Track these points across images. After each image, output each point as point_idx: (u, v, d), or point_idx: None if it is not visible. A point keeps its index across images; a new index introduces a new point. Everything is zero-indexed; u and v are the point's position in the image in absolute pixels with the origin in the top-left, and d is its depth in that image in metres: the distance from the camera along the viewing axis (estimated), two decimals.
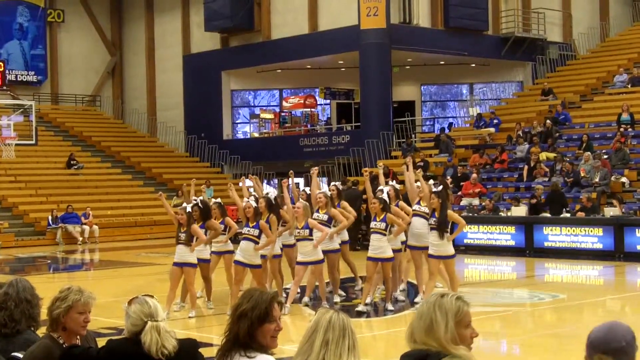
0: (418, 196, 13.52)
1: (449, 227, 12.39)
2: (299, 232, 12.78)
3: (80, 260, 25.65)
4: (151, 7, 40.06)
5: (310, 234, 12.69)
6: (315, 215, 13.22)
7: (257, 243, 12.45)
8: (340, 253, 13.85)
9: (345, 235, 14.37)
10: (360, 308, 12.69)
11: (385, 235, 12.50)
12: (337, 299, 13.65)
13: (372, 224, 12.63)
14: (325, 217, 13.25)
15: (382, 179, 15.11)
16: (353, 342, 3.49)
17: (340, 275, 14.24)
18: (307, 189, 14.98)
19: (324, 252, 12.98)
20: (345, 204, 14.26)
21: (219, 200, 14.08)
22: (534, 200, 22.34)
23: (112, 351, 4.42)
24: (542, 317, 13.00)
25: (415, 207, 13.45)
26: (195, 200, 13.40)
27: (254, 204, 12.72)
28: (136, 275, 19.81)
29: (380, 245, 12.50)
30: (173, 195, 29.51)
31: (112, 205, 31.64)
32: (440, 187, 12.73)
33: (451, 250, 12.48)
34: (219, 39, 36.94)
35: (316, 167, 14.78)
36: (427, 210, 12.92)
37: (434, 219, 12.38)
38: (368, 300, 13.06)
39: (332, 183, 14.59)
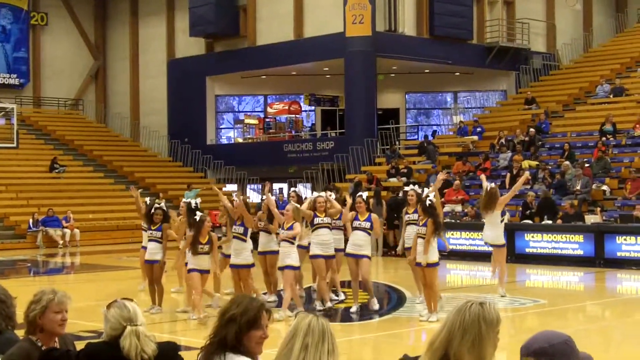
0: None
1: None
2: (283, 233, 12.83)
3: (61, 264, 25.53)
4: (136, 11, 39.97)
5: (293, 237, 12.72)
6: (280, 230, 13.10)
7: (244, 241, 12.97)
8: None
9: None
10: (354, 308, 13.21)
11: (370, 234, 13.14)
12: (319, 306, 13.56)
13: (356, 223, 13.11)
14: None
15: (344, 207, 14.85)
16: (332, 346, 3.49)
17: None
18: (297, 189, 15.17)
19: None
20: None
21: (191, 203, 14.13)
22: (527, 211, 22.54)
23: (91, 354, 4.40)
24: (523, 321, 13.08)
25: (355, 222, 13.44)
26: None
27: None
28: (117, 279, 19.74)
29: (360, 244, 13.06)
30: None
31: (94, 209, 31.51)
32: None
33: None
34: (204, 45, 36.89)
35: (268, 183, 14.54)
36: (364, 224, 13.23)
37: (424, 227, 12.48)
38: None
39: (292, 189, 14.46)
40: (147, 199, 15.04)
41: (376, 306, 13.41)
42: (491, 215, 14.85)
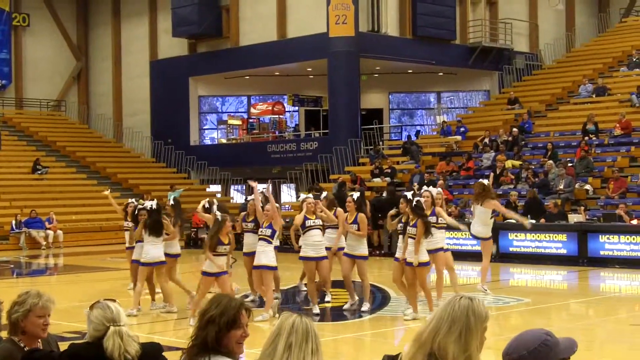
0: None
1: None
2: (261, 231, 12.83)
3: (44, 265, 25.42)
4: (118, 12, 39.83)
5: (272, 235, 12.69)
6: (261, 229, 13.09)
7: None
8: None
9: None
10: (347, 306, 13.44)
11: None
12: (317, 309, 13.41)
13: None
14: (269, 232, 12.94)
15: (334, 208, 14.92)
16: (316, 345, 3.48)
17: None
18: (263, 189, 15.07)
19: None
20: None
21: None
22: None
23: (74, 355, 4.38)
24: (508, 320, 13.12)
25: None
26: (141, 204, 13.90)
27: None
28: (100, 280, 19.67)
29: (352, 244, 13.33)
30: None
31: (77, 210, 31.38)
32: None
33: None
34: (187, 45, 36.81)
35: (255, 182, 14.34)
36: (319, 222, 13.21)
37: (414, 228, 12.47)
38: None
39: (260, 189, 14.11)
40: (133, 200, 15.03)
41: (366, 307, 13.39)
42: (481, 210, 14.85)
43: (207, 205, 13.60)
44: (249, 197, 14.64)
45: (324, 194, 14.51)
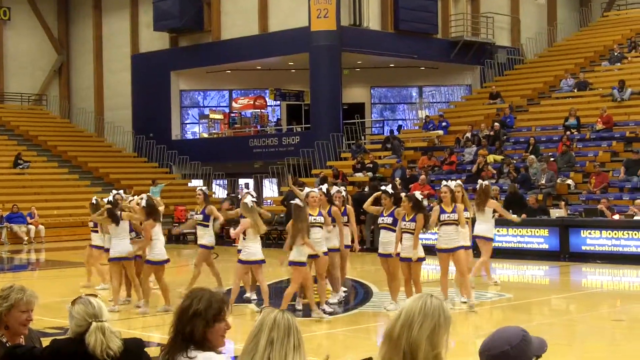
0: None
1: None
2: None
3: (26, 260, 25.29)
4: (99, 6, 39.62)
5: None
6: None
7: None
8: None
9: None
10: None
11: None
12: (299, 306, 13.30)
13: (311, 219, 12.55)
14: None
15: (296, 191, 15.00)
16: (298, 341, 3.47)
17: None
18: (203, 188, 15.25)
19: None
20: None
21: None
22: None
23: (57, 351, 4.36)
24: (489, 315, 13.16)
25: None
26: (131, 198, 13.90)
27: None
28: (82, 275, 19.53)
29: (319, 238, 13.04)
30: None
31: (59, 205, 31.23)
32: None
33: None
34: (168, 39, 36.68)
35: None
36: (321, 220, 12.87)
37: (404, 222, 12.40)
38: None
39: (199, 187, 14.17)
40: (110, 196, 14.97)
41: (335, 299, 13.40)
42: (483, 212, 14.94)
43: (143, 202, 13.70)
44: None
45: (334, 188, 14.41)
